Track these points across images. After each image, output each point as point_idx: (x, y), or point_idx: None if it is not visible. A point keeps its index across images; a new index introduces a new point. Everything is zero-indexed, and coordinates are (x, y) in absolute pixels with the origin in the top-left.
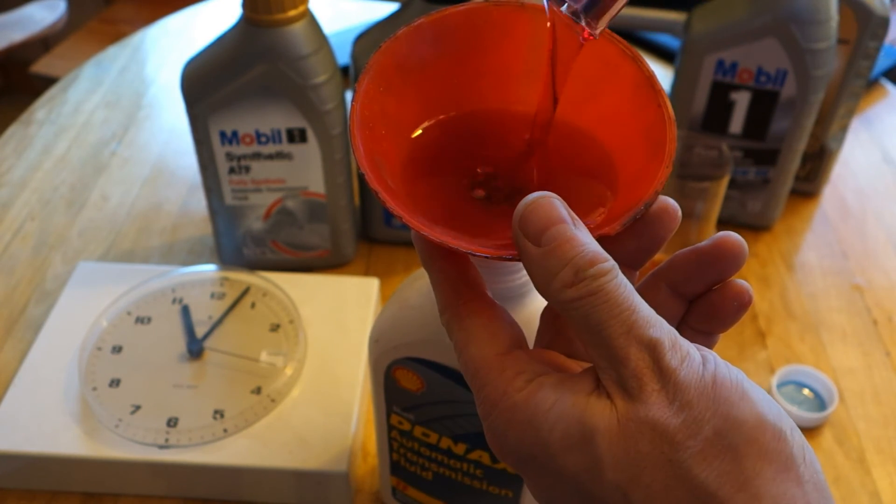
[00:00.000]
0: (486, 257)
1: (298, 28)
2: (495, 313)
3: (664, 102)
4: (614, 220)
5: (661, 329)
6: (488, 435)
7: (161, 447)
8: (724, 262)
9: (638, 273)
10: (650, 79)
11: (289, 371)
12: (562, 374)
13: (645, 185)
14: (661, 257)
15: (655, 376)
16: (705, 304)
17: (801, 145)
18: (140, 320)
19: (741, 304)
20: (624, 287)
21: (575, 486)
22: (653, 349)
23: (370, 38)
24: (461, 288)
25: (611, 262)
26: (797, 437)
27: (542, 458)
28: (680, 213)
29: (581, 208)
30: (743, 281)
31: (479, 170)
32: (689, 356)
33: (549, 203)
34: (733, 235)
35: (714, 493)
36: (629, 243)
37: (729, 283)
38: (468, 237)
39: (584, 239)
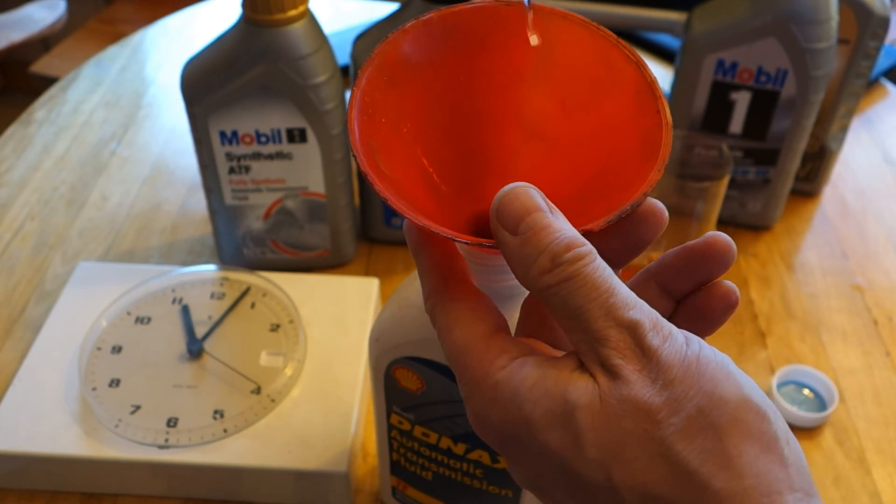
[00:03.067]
0: (466, 243)
1: (298, 28)
2: (479, 299)
3: (663, 108)
4: (600, 219)
5: (641, 310)
6: (471, 416)
7: (161, 447)
8: (712, 261)
9: (621, 272)
10: (651, 84)
11: (289, 371)
12: (545, 355)
13: (636, 188)
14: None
15: (637, 356)
16: (693, 304)
17: (801, 145)
18: (140, 320)
19: (728, 304)
20: (602, 270)
21: (557, 463)
22: (633, 329)
23: (370, 38)
24: (447, 276)
25: (588, 247)
26: (780, 422)
27: (525, 435)
28: (667, 215)
29: (574, 210)
30: (730, 282)
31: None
32: (671, 336)
33: (524, 192)
34: (722, 235)
35: (696, 471)
36: (614, 242)
37: (716, 283)
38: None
39: (561, 225)
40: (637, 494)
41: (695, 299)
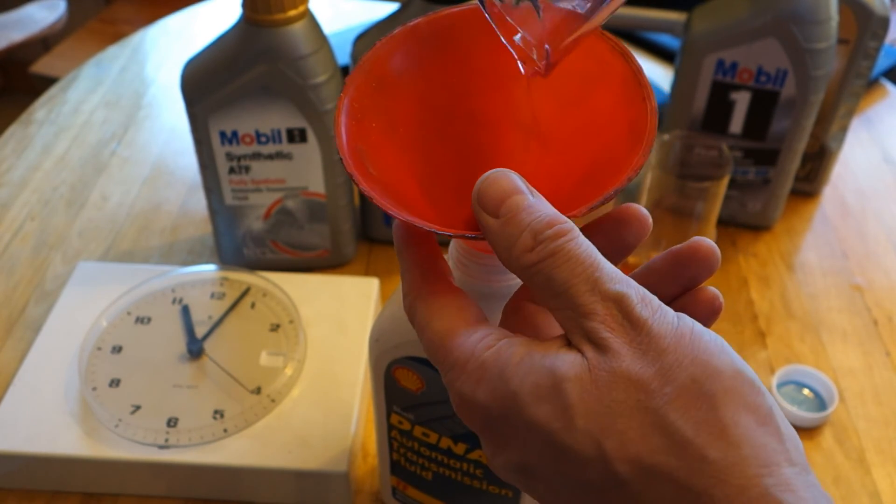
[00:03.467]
0: (449, 235)
1: (298, 28)
2: (460, 295)
3: (649, 96)
4: (583, 205)
5: (628, 284)
6: (456, 399)
7: (161, 447)
8: (696, 266)
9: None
10: (636, 74)
11: (289, 371)
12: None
13: (623, 175)
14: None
15: (624, 328)
16: (677, 309)
17: (801, 145)
18: (140, 320)
19: (712, 310)
20: (586, 246)
21: (546, 439)
22: (620, 302)
23: (370, 38)
24: (427, 273)
25: (569, 224)
26: (772, 399)
27: (513, 412)
28: (650, 221)
29: (572, 205)
30: (714, 288)
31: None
32: (661, 308)
33: (504, 176)
34: (706, 240)
35: (691, 441)
36: (598, 240)
37: (701, 288)
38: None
39: (541, 205)
40: (631, 465)
41: (679, 304)
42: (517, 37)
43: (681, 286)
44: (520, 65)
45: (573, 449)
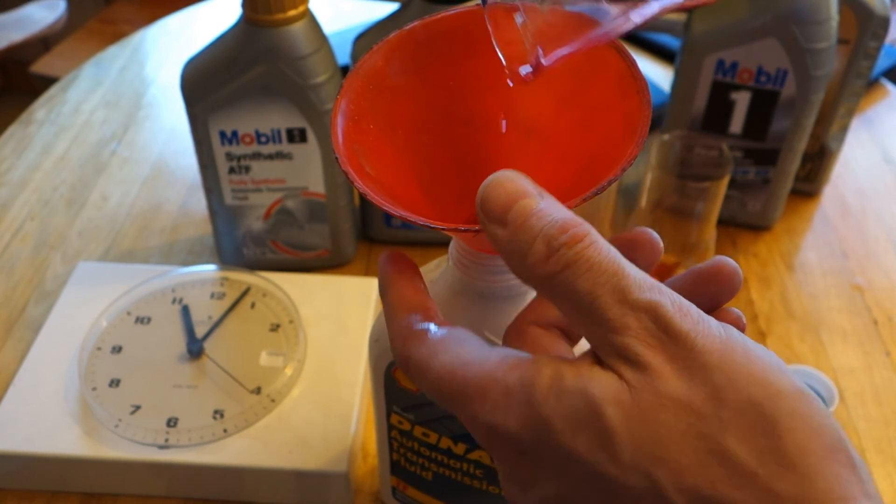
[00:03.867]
0: (442, 229)
1: (298, 28)
2: (456, 327)
3: (643, 89)
4: (577, 197)
5: (660, 291)
6: (483, 432)
7: (161, 447)
8: (718, 287)
9: None
10: (631, 67)
11: (289, 371)
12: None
13: (617, 166)
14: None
15: (662, 343)
16: None
17: (801, 145)
18: (140, 320)
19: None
20: (607, 251)
21: (587, 470)
22: (653, 312)
23: (370, 38)
24: (418, 313)
25: (585, 227)
26: (836, 422)
27: (546, 441)
28: (661, 245)
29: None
30: (737, 309)
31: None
32: (702, 319)
33: (508, 179)
34: (730, 261)
35: (755, 472)
36: None
37: (724, 310)
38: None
39: (553, 208)
40: (688, 497)
41: None
42: (517, 16)
43: (701, 307)
44: (506, 70)
45: (619, 481)
